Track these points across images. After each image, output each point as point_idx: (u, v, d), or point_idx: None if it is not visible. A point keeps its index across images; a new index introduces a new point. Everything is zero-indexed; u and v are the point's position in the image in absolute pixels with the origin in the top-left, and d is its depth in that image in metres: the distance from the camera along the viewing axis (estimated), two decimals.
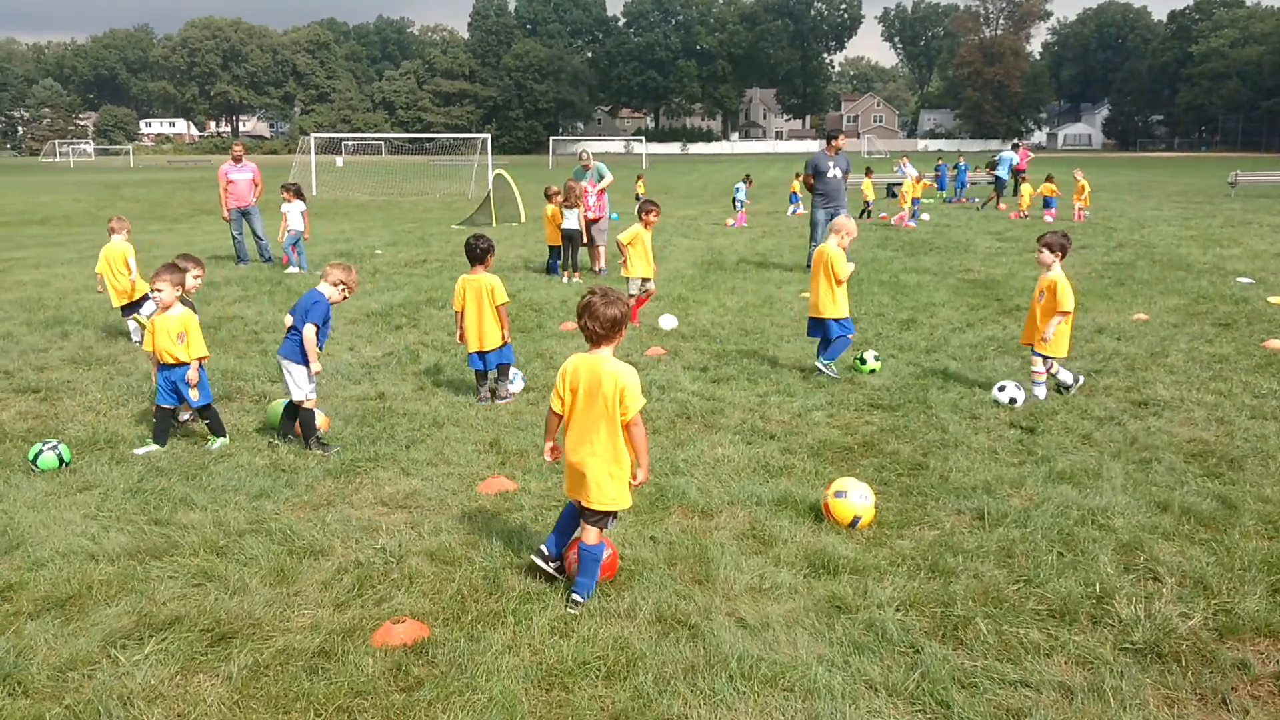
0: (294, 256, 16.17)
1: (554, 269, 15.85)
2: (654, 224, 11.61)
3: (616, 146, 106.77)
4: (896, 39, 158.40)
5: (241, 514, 5.66)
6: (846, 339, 8.95)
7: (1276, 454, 6.56)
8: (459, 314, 8.20)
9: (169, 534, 5.35)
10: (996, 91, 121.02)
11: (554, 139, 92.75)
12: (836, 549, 5.10)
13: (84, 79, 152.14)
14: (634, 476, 4.65)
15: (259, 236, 16.90)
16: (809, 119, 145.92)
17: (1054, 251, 7.87)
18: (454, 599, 4.61)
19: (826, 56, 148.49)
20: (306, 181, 39.53)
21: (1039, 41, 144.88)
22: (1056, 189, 25.45)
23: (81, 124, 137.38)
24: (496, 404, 8.10)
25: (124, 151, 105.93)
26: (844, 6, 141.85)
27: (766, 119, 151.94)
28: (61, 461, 6.42)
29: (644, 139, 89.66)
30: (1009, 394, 7.81)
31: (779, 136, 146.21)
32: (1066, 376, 8.13)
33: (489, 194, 25.74)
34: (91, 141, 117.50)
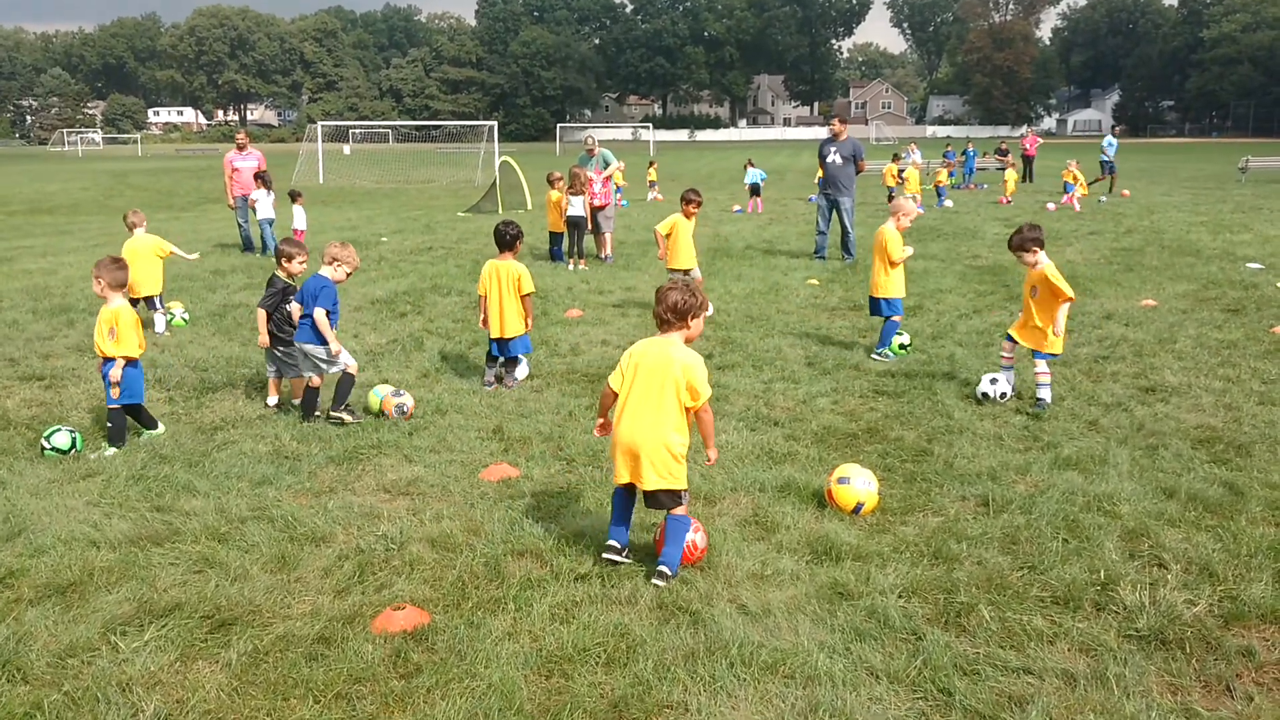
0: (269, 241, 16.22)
1: (556, 255, 15.81)
2: (695, 215, 11.15)
3: (624, 134, 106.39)
4: (905, 24, 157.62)
5: (243, 501, 5.67)
6: (895, 322, 9.01)
7: None
8: (483, 299, 8.13)
9: (170, 521, 5.36)
10: (1006, 77, 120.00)
11: (561, 126, 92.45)
12: (839, 535, 5.08)
13: (92, 68, 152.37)
14: (709, 459, 4.96)
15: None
16: (817, 105, 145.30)
17: (1030, 249, 7.37)
18: (454, 586, 4.61)
19: (835, 42, 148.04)
20: (314, 169, 39.62)
21: (1049, 27, 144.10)
22: (1078, 175, 25.13)
23: (90, 113, 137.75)
24: (503, 388, 8.09)
25: (132, 140, 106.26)
26: None
27: (775, 106, 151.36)
28: (73, 444, 6.42)
29: (651, 126, 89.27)
30: (1000, 388, 7.46)
31: (787, 123, 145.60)
32: (1005, 385, 7.54)
33: (495, 181, 25.71)
34: (100, 130, 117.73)
